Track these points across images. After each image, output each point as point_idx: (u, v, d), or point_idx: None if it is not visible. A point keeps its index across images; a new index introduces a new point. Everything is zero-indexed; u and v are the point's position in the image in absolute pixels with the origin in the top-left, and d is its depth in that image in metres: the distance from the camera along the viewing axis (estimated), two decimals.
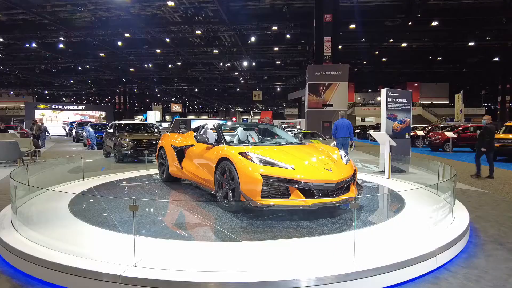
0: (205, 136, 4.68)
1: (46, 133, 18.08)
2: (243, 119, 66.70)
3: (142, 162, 9.07)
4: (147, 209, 4.16)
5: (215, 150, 4.38)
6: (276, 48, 30.00)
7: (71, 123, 28.60)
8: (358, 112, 45.89)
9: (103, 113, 37.43)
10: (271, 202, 3.44)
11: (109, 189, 5.42)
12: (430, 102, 46.07)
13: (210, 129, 5.03)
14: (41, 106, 33.96)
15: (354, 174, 4.09)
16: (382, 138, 6.47)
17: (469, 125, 16.44)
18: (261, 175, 3.50)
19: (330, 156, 4.20)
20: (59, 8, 22.32)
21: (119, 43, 26.57)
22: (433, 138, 15.80)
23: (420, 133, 18.76)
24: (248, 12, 22.54)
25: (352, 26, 22.74)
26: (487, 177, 7.80)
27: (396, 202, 4.61)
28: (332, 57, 19.10)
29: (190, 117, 62.20)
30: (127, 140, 9.70)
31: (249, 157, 3.74)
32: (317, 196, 3.53)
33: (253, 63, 34.03)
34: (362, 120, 47.13)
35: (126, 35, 25.14)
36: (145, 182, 6.14)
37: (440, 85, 46.31)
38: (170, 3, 20.68)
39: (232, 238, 3.06)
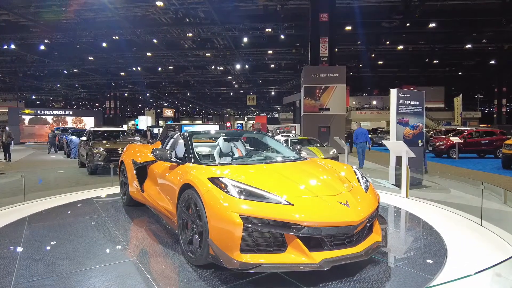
0: (168, 151, 3.39)
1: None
2: (237, 124, 65.68)
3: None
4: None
5: (180, 171, 3.17)
6: (270, 51, 29.17)
7: (55, 129, 27.28)
8: (353, 116, 45.07)
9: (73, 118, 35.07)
10: (256, 259, 2.22)
11: (45, 221, 4.16)
12: (427, 105, 45.57)
13: (182, 137, 3.85)
14: (26, 111, 32.52)
15: (378, 205, 2.87)
16: (398, 148, 5.42)
17: (475, 129, 15.55)
18: (240, 215, 2.27)
19: (343, 179, 2.99)
20: (44, 9, 21.26)
21: (106, 45, 25.48)
22: (438, 143, 14.87)
23: None
24: (241, 13, 21.68)
25: (348, 27, 22.04)
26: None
27: (432, 241, 3.35)
28: (329, 59, 18.18)
29: (184, 122, 61.25)
30: (101, 149, 8.54)
31: (222, 185, 2.52)
32: (327, 247, 2.32)
33: (247, 66, 33.18)
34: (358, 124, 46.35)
35: (114, 37, 24.14)
36: (104, 204, 5.00)
37: (435, 89, 45.81)
38: (159, 3, 19.76)
39: None
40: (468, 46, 26.88)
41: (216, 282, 2.42)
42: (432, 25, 22.15)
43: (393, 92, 6.89)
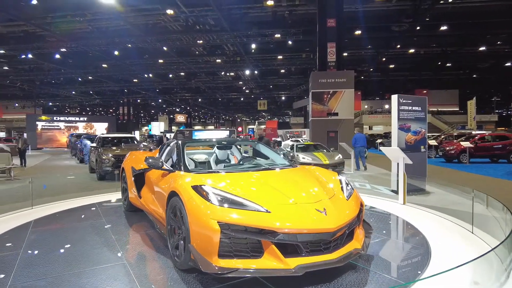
0: (160, 159, 3.55)
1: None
2: (249, 129, 65.92)
3: None
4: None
5: (170, 178, 3.31)
6: (280, 57, 29.37)
7: (71, 135, 28.10)
8: (365, 121, 44.74)
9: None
10: (233, 264, 2.31)
11: (48, 225, 4.39)
12: (439, 109, 44.82)
13: (175, 145, 4.01)
14: (43, 118, 33.57)
15: (360, 212, 2.91)
16: (395, 154, 5.43)
17: (487, 133, 15.23)
18: (218, 222, 2.37)
19: (326, 186, 3.03)
20: (59, 19, 22.05)
21: (118, 53, 26.21)
22: (448, 148, 14.63)
23: (432, 142, 17.59)
24: (250, 20, 21.96)
25: (358, 32, 21.99)
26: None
27: (418, 249, 3.37)
28: (336, 64, 18.19)
29: (196, 128, 61.93)
30: (109, 155, 8.80)
31: (204, 193, 2.62)
32: (304, 253, 2.41)
33: (256, 72, 33.46)
34: (370, 128, 46.01)
35: (127, 45, 24.81)
36: (106, 209, 5.19)
37: (449, 92, 45.12)
38: (170, 12, 20.22)
39: None
40: (482, 48, 26.41)
41: (197, 285, 2.54)
42: (443, 28, 21.89)
43: (394, 97, 6.88)
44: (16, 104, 49.27)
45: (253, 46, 25.44)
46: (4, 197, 6.79)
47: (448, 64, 32.45)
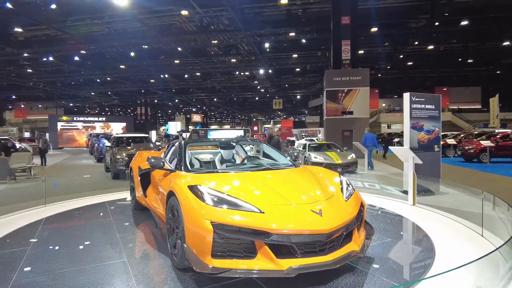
0: (161, 159, 3.59)
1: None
2: (264, 128, 65.94)
3: None
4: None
5: (170, 178, 3.34)
6: (295, 55, 29.22)
7: (90, 135, 28.87)
8: (383, 119, 43.87)
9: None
10: (226, 264, 2.32)
11: (57, 223, 4.54)
12: (460, 107, 43.42)
13: (178, 145, 4.06)
14: (64, 118, 34.66)
15: (360, 213, 2.83)
16: (405, 154, 5.30)
17: (510, 132, 14.64)
18: (212, 222, 2.36)
19: (326, 187, 2.97)
20: (78, 22, 22.70)
21: (134, 54, 26.79)
22: (467, 147, 14.16)
23: (451, 141, 17.08)
24: (263, 19, 21.94)
25: (374, 29, 21.58)
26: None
27: (422, 252, 3.27)
28: (351, 61, 17.93)
29: (212, 127, 62.33)
30: (123, 155, 9.00)
31: (199, 193, 2.63)
32: (298, 255, 2.37)
33: (271, 71, 33.41)
34: (389, 127, 45.07)
35: (144, 46, 25.31)
36: (115, 208, 5.33)
37: (471, 89, 43.66)
38: (184, 12, 20.46)
39: None
40: (506, 43, 25.37)
41: (192, 284, 2.56)
42: (464, 23, 21.13)
43: (406, 96, 6.71)
44: (40, 105, 51.14)
45: (267, 45, 25.43)
46: (22, 195, 7.06)
47: (469, 60, 31.37)
